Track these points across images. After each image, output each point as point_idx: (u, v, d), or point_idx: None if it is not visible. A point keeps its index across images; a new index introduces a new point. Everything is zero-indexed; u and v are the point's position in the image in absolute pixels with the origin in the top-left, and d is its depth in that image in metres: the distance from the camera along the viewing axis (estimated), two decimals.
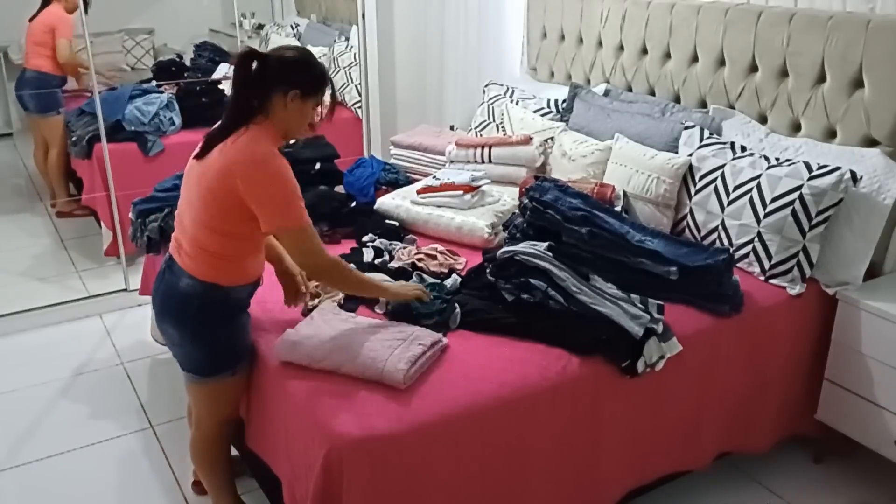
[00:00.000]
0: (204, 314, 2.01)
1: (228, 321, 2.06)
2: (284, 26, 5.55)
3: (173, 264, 2.02)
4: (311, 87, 1.99)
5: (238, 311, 2.09)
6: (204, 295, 1.99)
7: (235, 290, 2.04)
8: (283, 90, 1.94)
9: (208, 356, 2.06)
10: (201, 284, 1.98)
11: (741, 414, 2.44)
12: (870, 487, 2.57)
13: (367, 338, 2.00)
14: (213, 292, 1.99)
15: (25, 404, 3.01)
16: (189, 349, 2.07)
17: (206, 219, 1.94)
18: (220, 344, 2.06)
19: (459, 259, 2.65)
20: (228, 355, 2.08)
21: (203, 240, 1.96)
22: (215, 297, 2.00)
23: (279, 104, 1.95)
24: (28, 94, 4.40)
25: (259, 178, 1.87)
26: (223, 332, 2.05)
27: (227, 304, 2.04)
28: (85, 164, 4.20)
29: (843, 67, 2.57)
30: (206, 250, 1.96)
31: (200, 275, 1.98)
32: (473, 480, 1.91)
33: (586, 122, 3.23)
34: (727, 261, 2.36)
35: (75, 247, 4.40)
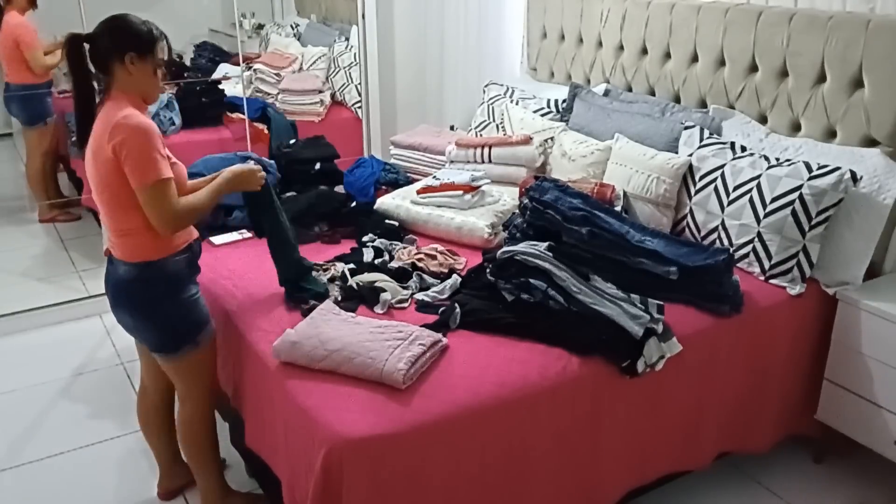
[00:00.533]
0: (149, 294, 2.08)
1: (174, 296, 2.11)
2: (284, 26, 5.55)
3: (112, 258, 2.12)
4: (143, 46, 2.00)
5: (181, 283, 2.12)
6: (141, 276, 2.06)
7: (169, 262, 2.08)
8: (118, 58, 1.97)
9: (166, 334, 2.13)
10: (135, 267, 2.05)
11: (741, 414, 2.44)
12: (870, 487, 2.57)
13: (366, 338, 2.00)
14: (148, 271, 2.06)
15: (25, 404, 3.01)
16: (147, 331, 2.14)
17: (110, 199, 1.99)
18: (173, 319, 2.12)
19: (459, 259, 2.65)
20: (183, 329, 2.14)
21: (119, 223, 2.02)
22: (153, 275, 2.07)
23: (123, 73, 1.99)
24: (16, 107, 4.40)
25: (124, 133, 1.91)
26: (172, 307, 2.11)
27: (167, 278, 2.09)
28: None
29: (843, 67, 2.57)
30: (125, 231, 2.03)
31: (131, 257, 2.05)
32: (473, 480, 1.91)
33: (586, 122, 3.23)
34: (727, 261, 2.36)
35: (75, 247, 4.40)
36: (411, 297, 2.38)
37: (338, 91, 4.87)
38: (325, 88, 4.80)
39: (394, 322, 2.12)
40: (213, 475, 2.35)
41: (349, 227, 2.89)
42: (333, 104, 4.84)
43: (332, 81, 4.91)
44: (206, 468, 2.34)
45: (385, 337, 2.00)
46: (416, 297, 2.38)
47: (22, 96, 4.29)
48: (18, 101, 4.34)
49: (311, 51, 5.03)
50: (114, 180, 1.95)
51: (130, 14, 2.05)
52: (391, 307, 2.32)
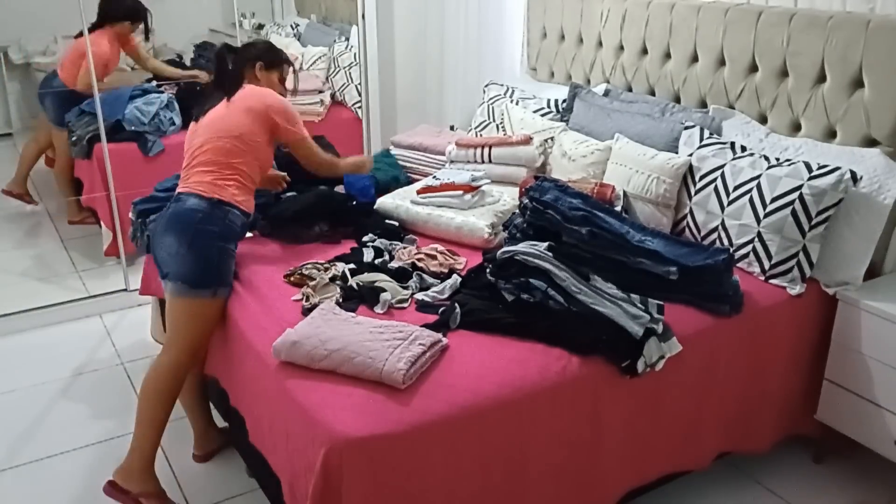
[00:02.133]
0: (204, 225, 2.35)
1: (222, 238, 2.39)
2: (284, 26, 5.55)
3: (180, 196, 2.43)
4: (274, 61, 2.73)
5: (232, 235, 2.44)
6: (207, 210, 2.37)
7: (233, 213, 2.42)
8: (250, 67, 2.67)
9: (199, 265, 2.33)
10: (206, 201, 2.38)
11: (741, 414, 2.44)
12: (870, 487, 2.57)
13: (366, 338, 2.00)
14: (215, 209, 2.38)
15: (25, 404, 3.01)
16: (184, 257, 2.32)
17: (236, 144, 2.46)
18: (211, 256, 2.35)
19: (459, 259, 2.65)
20: (215, 271, 2.36)
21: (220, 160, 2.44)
22: (216, 214, 2.38)
23: (252, 77, 2.66)
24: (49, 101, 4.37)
25: (284, 111, 2.58)
26: (216, 246, 2.37)
27: (225, 224, 2.40)
28: (85, 164, 4.20)
29: (843, 67, 2.57)
30: (218, 172, 2.42)
31: (207, 192, 2.40)
32: (473, 480, 1.91)
33: (586, 122, 3.23)
34: (727, 261, 2.36)
35: (75, 247, 4.40)
36: (411, 297, 2.38)
37: (338, 91, 4.87)
38: (325, 88, 4.80)
39: (394, 322, 2.12)
40: (152, 441, 2.35)
41: (349, 227, 2.89)
42: (333, 104, 4.84)
43: (332, 81, 4.91)
44: (152, 429, 2.34)
45: (385, 337, 2.00)
46: (416, 297, 2.38)
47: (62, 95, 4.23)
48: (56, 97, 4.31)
49: (311, 51, 5.03)
50: (256, 130, 2.49)
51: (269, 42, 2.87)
52: (391, 307, 2.32)
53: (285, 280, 2.47)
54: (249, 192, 2.53)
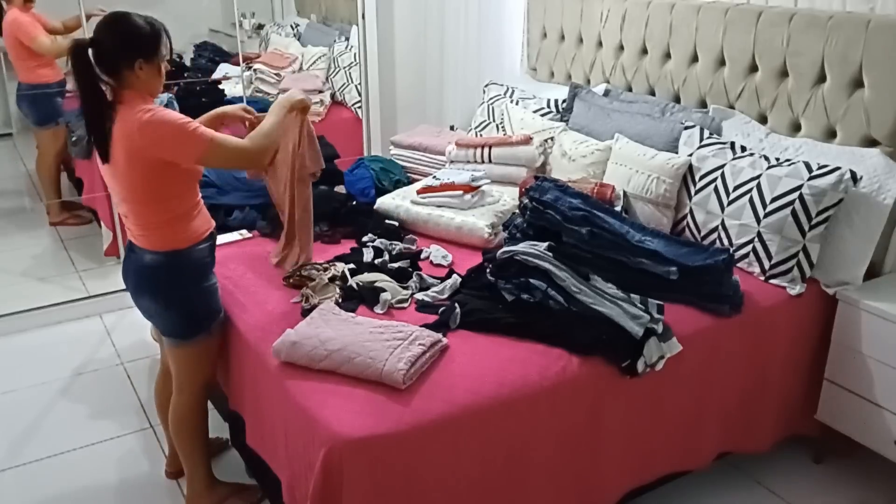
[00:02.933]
0: (174, 280, 2.17)
1: (197, 282, 2.22)
2: (284, 26, 5.55)
3: (134, 247, 2.18)
4: (150, 49, 2.04)
5: (204, 270, 2.23)
6: (168, 263, 2.15)
7: (195, 250, 2.18)
8: (127, 64, 2.00)
9: (184, 319, 2.21)
10: (163, 255, 2.13)
11: (741, 414, 2.44)
12: (870, 487, 2.57)
13: (366, 338, 2.00)
14: (175, 258, 2.15)
15: (25, 404, 3.01)
16: (166, 316, 2.22)
17: (144, 195, 2.06)
18: (192, 305, 2.22)
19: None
20: (202, 316, 2.24)
21: (146, 217, 2.09)
22: (179, 262, 2.16)
23: (132, 76, 2.01)
24: (27, 107, 4.38)
25: (154, 130, 1.96)
26: (193, 293, 2.22)
27: (191, 265, 2.19)
28: (85, 164, 4.20)
29: (843, 67, 2.57)
30: (153, 224, 2.10)
31: (160, 247, 2.13)
32: (473, 480, 1.91)
33: (586, 122, 3.23)
34: (727, 261, 2.36)
35: (75, 247, 4.40)
36: (411, 297, 2.38)
37: (338, 91, 4.86)
38: (325, 88, 4.80)
39: (394, 322, 2.12)
40: (201, 464, 2.38)
41: (349, 227, 2.89)
42: (333, 104, 4.84)
43: (332, 81, 4.91)
44: (196, 457, 2.37)
45: (385, 337, 2.00)
46: (416, 297, 2.38)
47: (33, 96, 4.26)
48: (29, 100, 4.32)
49: (311, 51, 5.03)
50: (153, 175, 2.02)
51: (131, 14, 2.03)
52: (391, 307, 2.32)
53: (285, 283, 2.47)
54: (194, 215, 2.17)
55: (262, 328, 2.21)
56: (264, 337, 2.15)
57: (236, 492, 2.45)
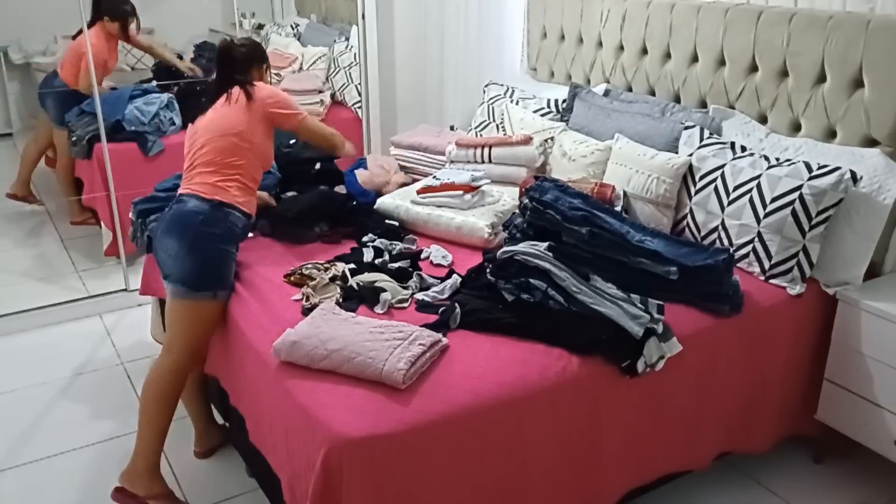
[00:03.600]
0: (205, 227, 2.35)
1: (222, 241, 2.39)
2: (284, 26, 5.55)
3: (182, 197, 2.43)
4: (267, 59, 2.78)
5: (233, 237, 2.45)
6: (208, 212, 2.37)
7: (234, 214, 2.43)
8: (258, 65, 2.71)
9: (199, 268, 2.33)
10: (207, 203, 2.38)
11: (741, 414, 2.44)
12: (870, 487, 2.57)
13: (366, 338, 2.00)
14: (215, 211, 2.38)
15: (25, 404, 3.01)
16: (185, 259, 2.33)
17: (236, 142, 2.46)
18: (211, 259, 2.36)
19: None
20: (216, 273, 2.37)
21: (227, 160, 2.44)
22: (217, 216, 2.38)
23: (257, 74, 2.70)
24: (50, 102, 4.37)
25: (279, 101, 2.60)
26: (217, 248, 2.38)
27: (226, 223, 2.40)
28: (85, 164, 4.20)
29: (843, 67, 2.57)
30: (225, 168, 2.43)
31: (208, 193, 2.40)
32: (473, 480, 1.91)
33: (586, 122, 3.23)
34: (727, 261, 2.36)
35: (75, 247, 4.40)
36: (411, 297, 2.38)
37: (338, 91, 4.86)
38: (325, 88, 4.80)
39: (394, 322, 2.12)
40: (155, 442, 2.36)
41: (349, 227, 2.89)
42: (333, 104, 4.84)
43: (332, 81, 4.91)
44: (153, 431, 2.35)
45: (385, 337, 2.00)
46: (416, 297, 2.38)
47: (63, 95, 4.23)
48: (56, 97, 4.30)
49: (311, 51, 5.03)
50: (254, 125, 2.50)
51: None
52: (391, 307, 2.32)
53: (285, 280, 2.47)
54: (251, 193, 2.53)
55: (262, 327, 2.21)
56: (265, 336, 2.15)
57: (169, 495, 2.40)
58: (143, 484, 2.36)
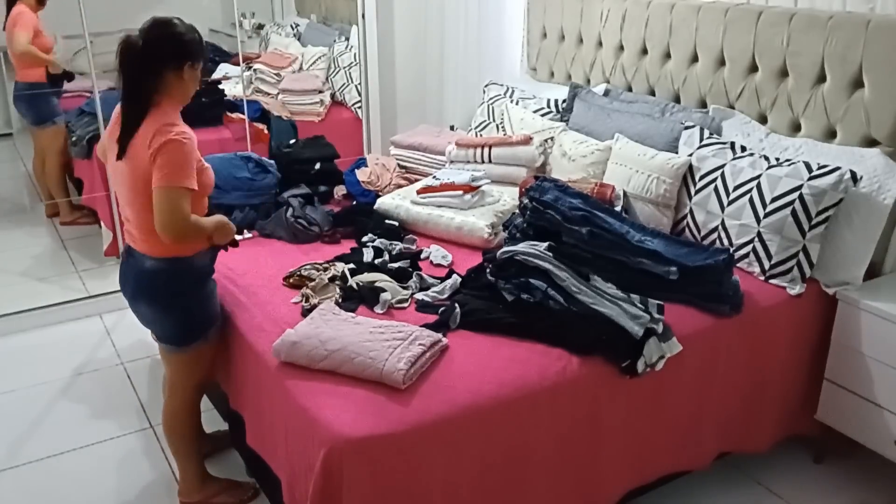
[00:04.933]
0: (174, 287, 2.16)
1: (196, 290, 2.22)
2: (284, 26, 5.55)
3: (133, 252, 2.17)
4: (197, 54, 2.10)
5: (204, 277, 2.24)
6: (170, 269, 2.14)
7: (196, 258, 2.17)
8: (174, 66, 2.04)
9: (181, 327, 2.22)
10: (164, 261, 2.12)
11: (741, 414, 2.44)
12: (870, 487, 2.57)
13: (366, 338, 2.00)
14: (176, 265, 2.14)
15: (25, 404, 3.01)
16: (163, 323, 2.23)
17: (143, 198, 2.03)
18: (191, 313, 2.22)
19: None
20: (199, 323, 2.25)
21: (150, 222, 2.02)
22: (181, 268, 2.15)
23: (175, 80, 2.06)
24: (24, 106, 4.39)
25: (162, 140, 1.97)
26: (193, 301, 2.21)
27: (192, 272, 2.18)
28: (85, 164, 4.20)
29: (843, 67, 2.57)
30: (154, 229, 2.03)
31: (160, 253, 2.11)
32: (473, 480, 1.91)
33: (586, 122, 3.23)
34: (727, 261, 2.36)
35: (75, 247, 4.40)
36: (411, 297, 2.38)
37: (338, 91, 4.86)
38: (325, 88, 4.80)
39: (394, 322, 2.12)
40: (193, 461, 2.41)
41: (349, 227, 2.89)
42: (333, 104, 4.84)
43: (332, 81, 4.91)
44: (187, 455, 2.40)
45: (385, 337, 2.00)
46: (416, 297, 2.38)
47: (29, 96, 4.26)
48: (25, 100, 4.33)
49: (311, 51, 5.03)
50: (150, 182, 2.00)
51: (175, 19, 2.09)
52: (391, 307, 2.32)
53: (284, 283, 2.46)
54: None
55: (262, 328, 2.21)
56: (264, 337, 2.15)
57: (228, 488, 2.46)
58: (198, 491, 2.42)
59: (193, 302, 2.22)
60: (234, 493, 2.45)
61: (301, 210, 2.85)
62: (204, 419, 2.52)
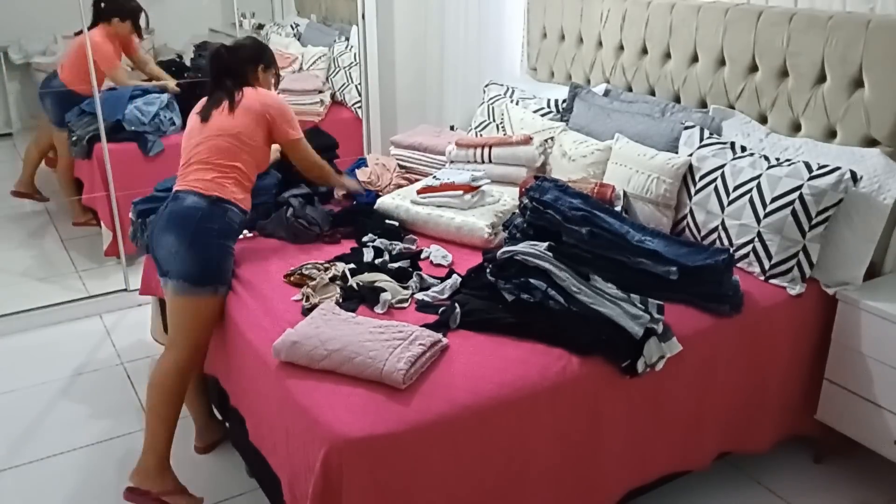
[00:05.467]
0: (204, 223, 2.37)
1: (221, 236, 2.41)
2: (284, 26, 5.55)
3: (178, 193, 2.44)
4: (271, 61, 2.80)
5: (231, 233, 2.47)
6: (206, 208, 2.39)
7: (231, 210, 2.44)
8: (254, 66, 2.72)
9: (199, 264, 2.35)
10: (205, 199, 2.40)
11: (741, 414, 2.44)
12: (870, 487, 2.57)
13: (366, 338, 2.00)
14: (213, 207, 2.40)
15: (25, 404, 3.01)
16: (185, 255, 2.34)
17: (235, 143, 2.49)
18: (211, 254, 2.38)
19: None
20: (216, 269, 2.39)
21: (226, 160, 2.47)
22: (215, 212, 2.40)
23: (253, 76, 2.70)
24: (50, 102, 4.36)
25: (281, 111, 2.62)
26: (216, 244, 2.39)
27: (224, 221, 2.42)
28: (85, 164, 4.20)
29: (843, 67, 2.57)
30: (223, 168, 2.46)
31: (206, 189, 2.42)
32: (473, 480, 1.91)
33: (586, 122, 3.23)
34: (727, 261, 2.36)
35: (75, 247, 4.40)
36: (411, 297, 2.38)
37: (338, 91, 4.86)
38: (325, 88, 4.80)
39: (394, 322, 2.12)
40: (164, 441, 2.36)
41: (349, 227, 2.89)
42: (333, 104, 4.84)
43: (332, 81, 4.91)
44: (163, 430, 2.35)
45: (385, 337, 2.00)
46: (416, 297, 2.38)
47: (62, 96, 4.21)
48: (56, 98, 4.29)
49: (311, 51, 5.03)
50: (253, 129, 2.52)
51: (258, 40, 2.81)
52: (391, 307, 2.32)
53: (285, 280, 2.47)
54: (247, 191, 2.55)
55: (262, 327, 2.21)
56: (265, 336, 2.15)
57: (181, 491, 2.40)
58: (155, 480, 2.36)
59: (216, 247, 2.39)
60: (187, 500, 2.40)
61: (301, 210, 2.85)
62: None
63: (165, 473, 2.38)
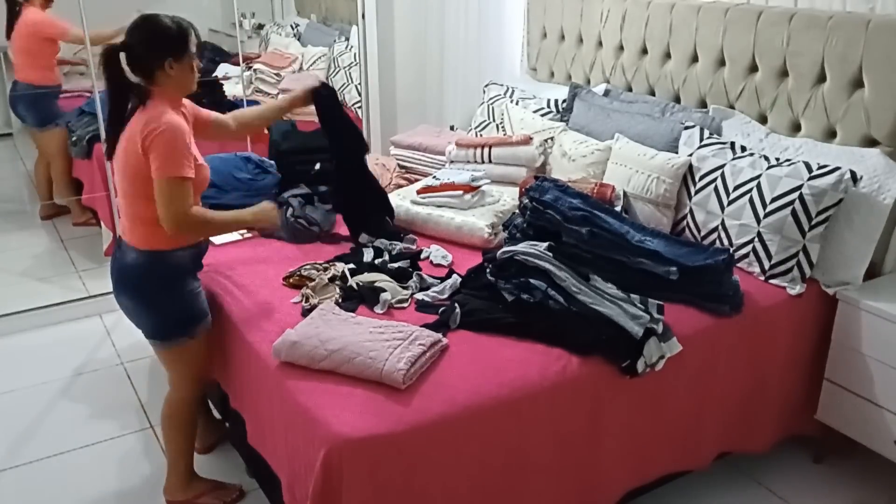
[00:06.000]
0: (152, 282, 2.20)
1: (175, 287, 2.23)
2: (284, 26, 5.55)
3: (122, 243, 2.23)
4: (179, 48, 2.13)
5: (183, 276, 2.25)
6: (149, 264, 2.18)
7: (176, 254, 2.20)
8: (158, 65, 2.09)
9: (163, 321, 2.25)
10: (144, 254, 2.17)
11: (741, 414, 2.44)
12: (870, 487, 2.57)
13: (366, 338, 2.00)
14: (156, 260, 2.18)
15: (25, 404, 3.01)
16: (144, 317, 2.25)
17: (133, 189, 2.11)
18: (171, 309, 2.24)
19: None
20: (182, 319, 2.25)
21: (136, 209, 2.13)
22: (159, 264, 2.19)
23: (163, 76, 2.11)
24: (24, 109, 4.35)
25: (153, 128, 2.03)
26: (172, 297, 2.23)
27: (171, 269, 2.21)
28: (85, 164, 4.20)
29: (843, 67, 2.57)
30: (141, 218, 2.13)
31: (142, 244, 2.17)
32: (473, 480, 1.91)
33: (586, 122, 3.23)
34: (727, 261, 2.36)
35: (75, 247, 4.40)
36: (411, 297, 2.38)
37: (338, 91, 4.86)
38: None
39: (394, 322, 2.12)
40: (183, 458, 2.42)
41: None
42: None
43: (332, 81, 4.91)
44: (179, 451, 2.41)
45: (385, 337, 2.00)
46: (416, 297, 2.38)
47: (31, 97, 4.22)
48: (26, 101, 4.28)
49: (311, 51, 5.03)
50: (141, 171, 2.06)
51: (158, 15, 2.12)
52: (391, 307, 2.32)
53: (284, 283, 2.46)
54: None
55: (261, 328, 2.21)
56: (264, 337, 2.15)
57: (214, 489, 2.47)
58: (185, 491, 2.43)
59: (169, 298, 2.23)
60: (219, 495, 2.46)
61: (301, 210, 2.85)
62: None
63: (191, 482, 2.44)
